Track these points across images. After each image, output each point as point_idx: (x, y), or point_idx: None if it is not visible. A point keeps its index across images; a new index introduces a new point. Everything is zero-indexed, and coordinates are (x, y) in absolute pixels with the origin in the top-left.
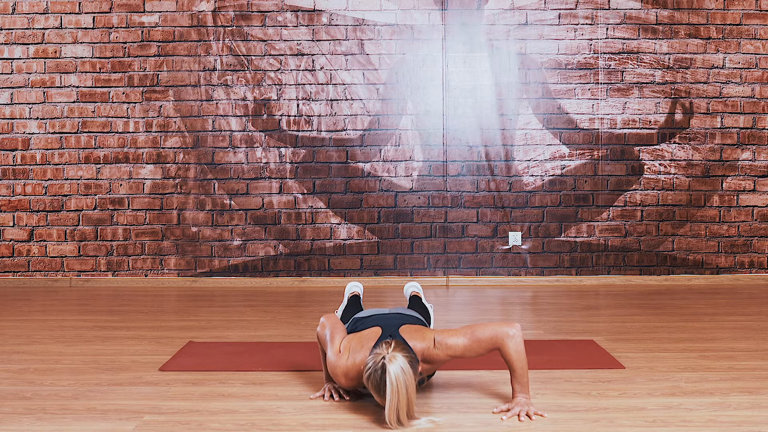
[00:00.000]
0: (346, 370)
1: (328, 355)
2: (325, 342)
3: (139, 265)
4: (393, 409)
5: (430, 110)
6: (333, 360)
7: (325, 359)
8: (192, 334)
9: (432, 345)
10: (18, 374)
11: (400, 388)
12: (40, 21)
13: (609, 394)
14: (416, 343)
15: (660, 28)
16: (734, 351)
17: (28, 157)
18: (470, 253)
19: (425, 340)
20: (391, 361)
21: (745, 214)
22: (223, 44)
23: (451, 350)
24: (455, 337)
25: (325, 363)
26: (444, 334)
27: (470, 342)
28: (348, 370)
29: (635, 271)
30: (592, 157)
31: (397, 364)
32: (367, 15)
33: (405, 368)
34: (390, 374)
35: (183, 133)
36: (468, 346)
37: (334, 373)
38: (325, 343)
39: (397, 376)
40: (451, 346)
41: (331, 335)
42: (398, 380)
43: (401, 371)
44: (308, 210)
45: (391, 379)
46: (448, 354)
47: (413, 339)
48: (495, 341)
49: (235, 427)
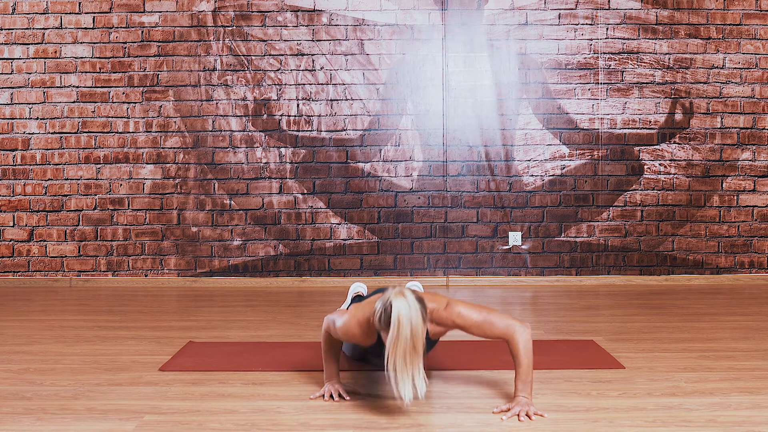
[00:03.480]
0: (359, 323)
1: (338, 325)
2: (332, 325)
3: (139, 265)
4: (397, 348)
5: (430, 110)
6: (345, 322)
7: (327, 356)
8: (192, 334)
9: (443, 307)
10: (18, 374)
11: (405, 322)
12: (40, 21)
13: (609, 394)
14: (427, 303)
15: (660, 28)
16: (734, 351)
17: (28, 157)
18: (470, 253)
19: (436, 302)
20: (397, 296)
21: (745, 214)
22: (223, 44)
23: (461, 319)
24: (469, 309)
25: (327, 359)
26: (458, 302)
27: (483, 322)
28: (360, 322)
29: (635, 271)
30: (592, 157)
31: (404, 299)
32: (367, 15)
33: (412, 304)
34: (396, 308)
35: (183, 133)
36: (479, 324)
37: (351, 333)
38: (332, 327)
39: (403, 310)
40: (463, 315)
41: (337, 316)
42: (403, 315)
43: (407, 306)
44: (308, 210)
45: (397, 313)
46: (455, 322)
47: (430, 298)
48: (507, 332)
49: (235, 427)
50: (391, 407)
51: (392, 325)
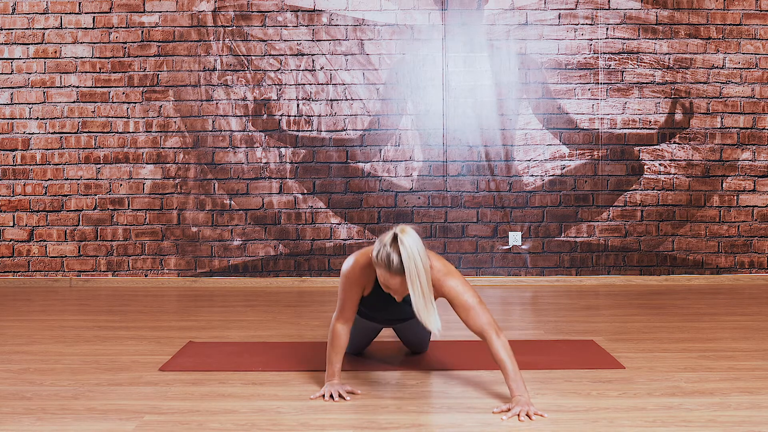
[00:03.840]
0: (360, 265)
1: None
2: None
3: (139, 265)
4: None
5: (430, 110)
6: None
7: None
8: (192, 334)
9: (442, 273)
10: (18, 374)
11: (415, 257)
12: (40, 21)
13: (609, 394)
14: (436, 262)
15: (660, 28)
16: (734, 351)
17: (28, 157)
18: (470, 253)
19: (440, 263)
20: (403, 232)
21: (745, 214)
22: (223, 44)
23: (451, 294)
24: (464, 288)
25: (330, 359)
26: (457, 277)
27: (470, 307)
28: (362, 264)
29: (635, 271)
30: (592, 157)
31: (411, 236)
32: (367, 15)
33: (416, 239)
34: (402, 243)
35: (183, 133)
36: (466, 307)
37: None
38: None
39: (411, 247)
40: (455, 290)
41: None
42: (411, 251)
43: (413, 241)
44: (308, 210)
45: (405, 247)
46: (445, 292)
47: (434, 256)
48: (486, 330)
49: (235, 427)
50: (391, 407)
51: (405, 260)
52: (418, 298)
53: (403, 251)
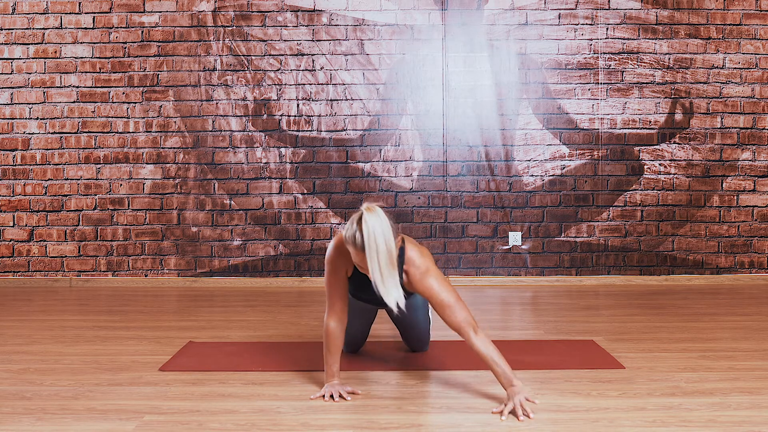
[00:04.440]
0: (336, 246)
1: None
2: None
3: (139, 265)
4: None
5: (430, 110)
6: (328, 253)
7: (328, 355)
8: (192, 334)
9: (420, 270)
10: (18, 374)
11: (376, 233)
12: (40, 21)
13: (609, 394)
14: (414, 255)
15: (660, 28)
16: (734, 351)
17: (28, 157)
18: (470, 253)
19: (421, 257)
20: (368, 210)
21: (745, 214)
22: (223, 44)
23: (429, 292)
24: (441, 286)
25: (328, 359)
26: (435, 275)
27: (447, 305)
28: (337, 245)
29: (635, 271)
30: (592, 157)
31: (375, 214)
32: (367, 15)
33: (381, 217)
34: (365, 222)
35: (183, 133)
36: (443, 305)
37: (333, 264)
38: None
39: (373, 224)
40: (432, 289)
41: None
42: (373, 228)
43: (377, 218)
44: (308, 210)
45: (366, 226)
46: (424, 289)
47: (414, 249)
48: (463, 327)
49: (235, 427)
50: (391, 407)
51: (366, 238)
52: (375, 274)
53: (365, 228)
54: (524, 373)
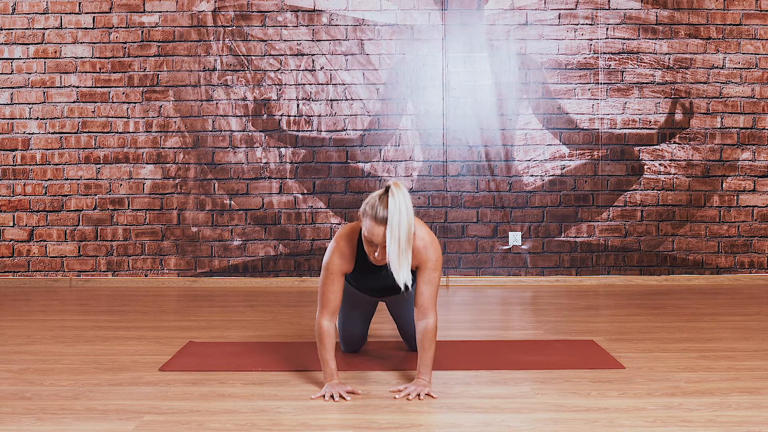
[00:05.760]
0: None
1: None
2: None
3: (139, 265)
4: (394, 231)
5: (430, 110)
6: (332, 246)
7: (323, 356)
8: (192, 334)
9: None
10: (18, 374)
11: (401, 208)
12: (40, 21)
13: (609, 394)
14: (423, 231)
15: (660, 28)
16: (734, 351)
17: (28, 157)
18: (470, 253)
19: (429, 235)
20: (396, 185)
21: (745, 214)
22: (223, 44)
23: (422, 260)
24: (433, 264)
25: (324, 359)
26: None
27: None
28: (344, 235)
29: (635, 271)
30: (592, 157)
31: (401, 190)
32: (367, 15)
33: (406, 194)
34: (392, 194)
35: (183, 133)
36: (427, 280)
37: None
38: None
39: (399, 199)
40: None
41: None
42: (399, 202)
43: (403, 194)
44: (308, 210)
45: (393, 200)
46: (419, 257)
47: (423, 227)
48: (427, 309)
49: (235, 427)
50: (391, 407)
51: (390, 211)
52: (392, 247)
53: (392, 201)
54: (524, 373)
